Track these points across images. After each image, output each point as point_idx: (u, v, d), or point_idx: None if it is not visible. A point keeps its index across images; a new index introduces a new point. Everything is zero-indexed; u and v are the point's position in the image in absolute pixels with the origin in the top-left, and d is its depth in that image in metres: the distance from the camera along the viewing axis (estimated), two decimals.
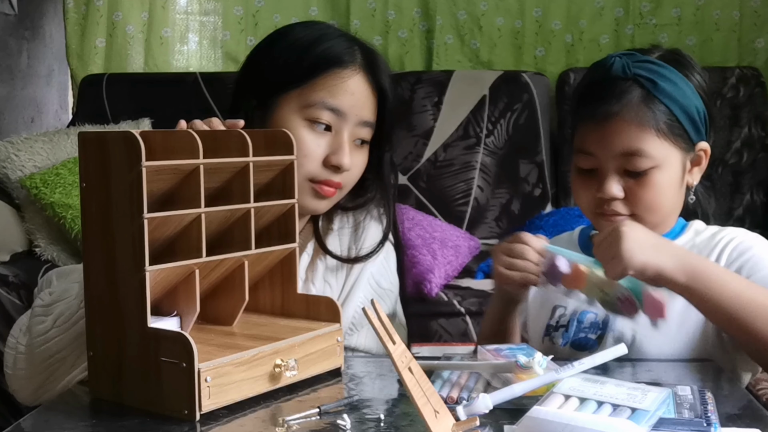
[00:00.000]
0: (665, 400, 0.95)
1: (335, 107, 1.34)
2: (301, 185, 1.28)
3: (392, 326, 0.93)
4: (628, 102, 1.24)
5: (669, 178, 1.26)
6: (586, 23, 3.13)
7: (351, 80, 1.35)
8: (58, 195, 2.48)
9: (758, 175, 2.97)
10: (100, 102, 2.99)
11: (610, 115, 1.24)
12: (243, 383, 1.02)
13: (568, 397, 0.95)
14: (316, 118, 1.34)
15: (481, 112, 2.94)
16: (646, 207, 1.26)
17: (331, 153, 1.34)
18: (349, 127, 1.35)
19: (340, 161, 1.34)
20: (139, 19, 3.15)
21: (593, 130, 1.26)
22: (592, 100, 1.28)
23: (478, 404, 0.95)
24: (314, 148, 1.33)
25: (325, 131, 1.35)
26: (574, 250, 1.37)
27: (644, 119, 1.23)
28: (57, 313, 1.23)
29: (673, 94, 1.25)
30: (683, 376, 1.15)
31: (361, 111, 1.36)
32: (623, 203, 1.26)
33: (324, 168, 1.35)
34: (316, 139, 1.34)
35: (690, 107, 1.26)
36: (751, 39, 3.10)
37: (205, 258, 1.06)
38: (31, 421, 1.00)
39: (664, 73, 1.25)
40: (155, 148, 1.02)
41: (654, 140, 1.24)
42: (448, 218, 2.85)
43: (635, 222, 1.23)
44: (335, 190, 1.36)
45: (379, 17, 3.18)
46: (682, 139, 1.26)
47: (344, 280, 1.42)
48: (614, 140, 1.24)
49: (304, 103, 1.34)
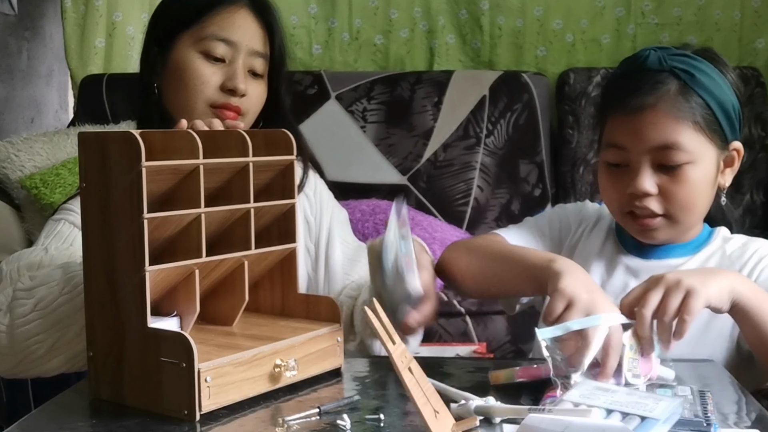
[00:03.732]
0: (677, 409, 0.94)
1: (226, 38, 1.48)
2: (202, 111, 1.45)
3: (392, 326, 0.93)
4: (665, 93, 1.21)
5: (703, 175, 1.22)
6: (587, 23, 3.13)
7: (237, 14, 1.49)
8: (58, 195, 2.48)
9: (758, 175, 2.97)
10: (100, 102, 2.99)
11: (646, 107, 1.20)
12: (243, 383, 1.02)
13: (578, 405, 0.94)
14: (209, 51, 1.47)
15: (481, 112, 2.93)
16: (680, 205, 1.22)
17: (226, 79, 1.47)
18: (241, 56, 1.48)
19: (235, 84, 1.46)
20: (140, 20, 3.15)
21: (626, 123, 1.22)
22: (625, 92, 1.23)
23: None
24: (210, 75, 1.47)
25: (220, 61, 1.48)
26: (609, 232, 1.34)
27: (681, 111, 1.20)
28: (38, 297, 1.23)
29: (710, 87, 1.22)
30: (683, 376, 1.15)
31: (251, 41, 1.50)
32: (657, 200, 1.22)
33: (222, 93, 1.47)
34: (211, 67, 1.48)
35: (726, 103, 1.23)
36: (751, 39, 3.10)
37: (205, 258, 1.06)
38: (31, 421, 1.00)
39: (701, 66, 1.22)
40: (155, 148, 1.02)
41: (690, 133, 1.20)
42: (448, 218, 2.85)
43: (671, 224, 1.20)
44: (236, 114, 1.48)
45: (381, 16, 3.18)
46: (717, 135, 1.23)
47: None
48: (649, 132, 1.20)
49: (198, 38, 1.48)
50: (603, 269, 1.33)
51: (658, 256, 1.30)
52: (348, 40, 3.19)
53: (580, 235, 1.38)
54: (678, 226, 1.24)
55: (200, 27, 1.48)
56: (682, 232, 1.25)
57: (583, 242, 1.36)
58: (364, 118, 2.96)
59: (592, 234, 1.37)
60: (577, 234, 1.39)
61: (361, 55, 3.19)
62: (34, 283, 1.25)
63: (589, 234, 1.37)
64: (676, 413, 0.94)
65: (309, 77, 3.00)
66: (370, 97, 2.97)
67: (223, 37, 1.47)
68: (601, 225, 1.38)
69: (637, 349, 1.06)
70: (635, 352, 1.06)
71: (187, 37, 1.49)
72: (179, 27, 1.50)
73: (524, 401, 1.04)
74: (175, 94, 1.49)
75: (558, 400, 0.97)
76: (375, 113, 2.97)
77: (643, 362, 1.07)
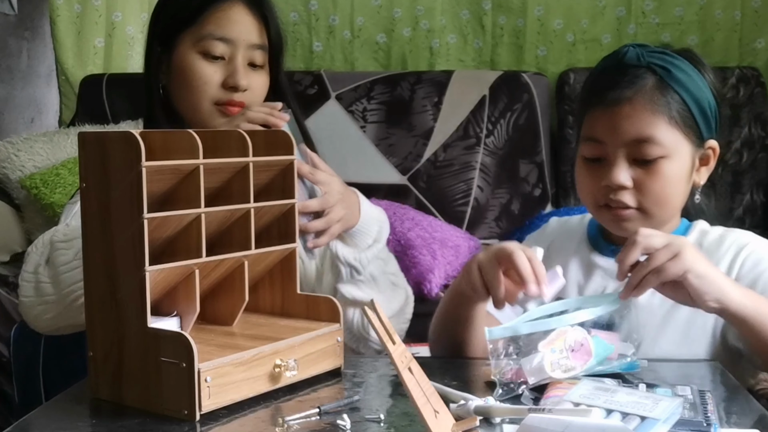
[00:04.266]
0: (676, 409, 0.94)
1: (223, 36, 1.50)
2: (208, 110, 1.49)
3: (392, 326, 0.93)
4: (641, 88, 1.22)
5: (678, 170, 1.24)
6: (587, 22, 3.13)
7: (232, 10, 1.52)
8: (58, 195, 2.48)
9: (758, 175, 2.97)
10: (100, 102, 2.99)
11: (622, 100, 1.22)
12: (243, 383, 1.02)
13: (578, 405, 0.94)
14: (208, 50, 1.50)
15: (481, 112, 2.94)
16: (654, 199, 1.23)
17: (227, 76, 1.50)
18: (240, 51, 1.51)
19: (236, 82, 1.49)
20: (139, 20, 3.15)
21: (603, 117, 1.24)
22: (603, 87, 1.25)
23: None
24: (211, 75, 1.50)
25: (219, 59, 1.50)
26: (582, 239, 1.36)
27: (657, 106, 1.21)
28: (78, 247, 1.26)
29: (686, 84, 1.23)
30: (683, 376, 1.15)
31: (249, 35, 1.52)
32: (631, 194, 1.23)
33: (224, 90, 1.50)
34: (212, 66, 1.50)
35: (703, 100, 1.24)
36: (751, 39, 3.10)
37: (205, 258, 1.06)
38: (31, 421, 1.00)
39: (679, 63, 1.24)
40: (155, 148, 1.02)
41: (666, 128, 1.22)
42: (448, 218, 2.85)
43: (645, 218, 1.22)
44: (239, 108, 1.50)
45: (384, 14, 3.18)
46: (693, 131, 1.24)
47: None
48: (625, 126, 1.22)
49: (197, 38, 1.51)
50: (580, 274, 1.33)
51: None
52: (349, 37, 3.18)
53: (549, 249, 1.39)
54: (651, 220, 1.24)
55: (198, 27, 1.51)
56: (655, 226, 1.25)
57: (556, 252, 1.37)
58: (364, 118, 2.96)
59: (564, 243, 1.38)
60: (550, 249, 1.40)
61: (363, 53, 3.19)
62: (70, 236, 1.31)
63: (561, 244, 1.38)
64: (676, 413, 0.94)
65: (309, 77, 3.00)
66: (370, 97, 2.97)
67: (220, 35, 1.50)
68: (570, 232, 1.40)
69: (565, 348, 1.07)
70: (561, 351, 1.06)
71: (187, 38, 1.51)
72: (179, 27, 1.52)
73: (524, 401, 1.04)
74: (181, 94, 1.53)
75: (558, 400, 0.97)
76: (375, 113, 2.97)
77: (575, 356, 1.07)
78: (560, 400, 0.97)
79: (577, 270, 1.34)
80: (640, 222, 1.24)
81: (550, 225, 1.45)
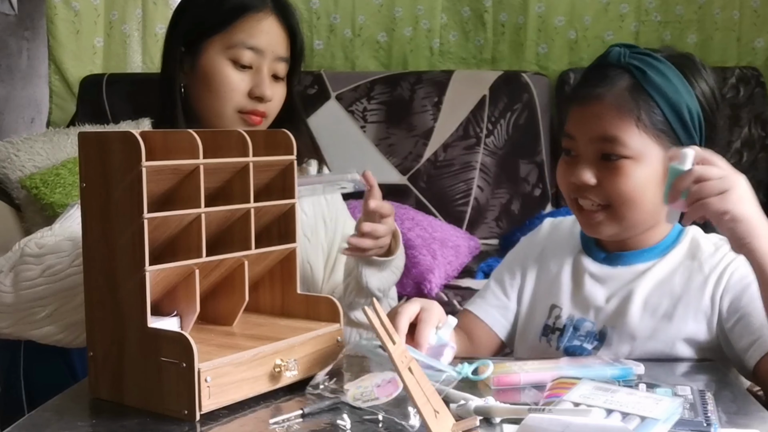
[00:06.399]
0: (676, 409, 0.94)
1: (254, 46, 1.53)
2: (231, 117, 1.53)
3: (392, 326, 0.94)
4: (613, 88, 1.22)
5: (647, 175, 1.22)
6: (590, 20, 3.12)
7: (264, 21, 1.55)
8: (58, 195, 2.47)
9: (758, 175, 2.96)
10: (100, 102, 2.99)
11: (593, 98, 1.23)
12: (243, 383, 1.02)
13: (578, 405, 0.94)
14: (238, 58, 1.53)
15: (481, 112, 2.93)
16: (620, 199, 1.22)
17: (254, 86, 1.54)
18: (267, 62, 1.55)
19: (263, 92, 1.53)
20: (134, 17, 3.14)
21: (577, 113, 1.26)
22: (581, 84, 1.28)
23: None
24: (238, 83, 1.53)
25: (247, 68, 1.54)
26: (574, 244, 1.36)
27: (625, 107, 1.21)
28: (47, 264, 1.29)
29: (662, 87, 1.21)
30: (683, 376, 1.15)
31: (277, 48, 1.56)
32: (596, 192, 1.23)
33: (249, 99, 1.54)
34: (240, 74, 1.53)
35: (680, 105, 1.22)
36: (750, 39, 3.10)
37: (205, 258, 1.06)
38: (31, 421, 1.00)
39: (658, 66, 1.23)
40: (155, 148, 1.02)
41: (632, 131, 1.21)
42: (448, 218, 2.85)
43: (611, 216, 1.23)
44: (261, 118, 1.56)
45: (385, 13, 3.17)
46: (666, 136, 1.22)
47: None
48: (592, 123, 1.23)
49: (227, 45, 1.53)
50: (569, 279, 1.33)
51: (624, 262, 1.30)
52: (350, 36, 3.18)
53: (543, 252, 1.40)
54: (622, 221, 1.24)
55: (229, 33, 1.53)
56: (630, 230, 1.25)
57: (550, 255, 1.38)
58: (364, 118, 2.96)
59: (556, 248, 1.38)
60: (543, 252, 1.40)
61: (364, 52, 3.18)
62: (43, 251, 1.30)
63: (554, 248, 1.38)
64: (676, 413, 0.94)
65: (309, 77, 2.99)
66: (370, 96, 2.97)
67: (251, 45, 1.52)
68: (562, 236, 1.40)
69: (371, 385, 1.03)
70: (367, 387, 1.03)
71: (217, 43, 1.53)
72: (208, 31, 1.54)
73: (524, 401, 1.04)
74: (203, 97, 1.54)
75: (558, 400, 0.97)
76: (375, 113, 2.96)
77: (379, 390, 1.02)
78: (560, 400, 0.97)
79: (568, 275, 1.34)
80: (610, 224, 1.25)
81: (543, 228, 1.45)
